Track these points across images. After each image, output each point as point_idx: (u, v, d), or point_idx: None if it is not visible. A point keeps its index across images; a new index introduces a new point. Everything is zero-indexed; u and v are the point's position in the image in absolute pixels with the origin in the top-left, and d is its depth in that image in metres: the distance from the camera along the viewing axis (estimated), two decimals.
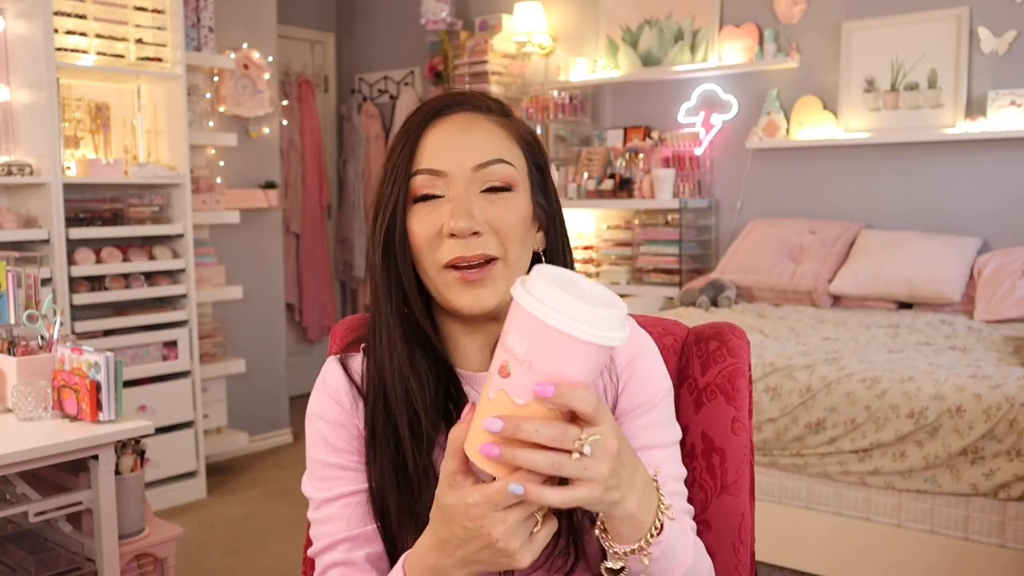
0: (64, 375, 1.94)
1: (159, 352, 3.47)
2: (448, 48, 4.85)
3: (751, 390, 1.10)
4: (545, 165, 0.98)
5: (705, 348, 1.11)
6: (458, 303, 0.90)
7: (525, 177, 0.94)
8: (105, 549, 1.93)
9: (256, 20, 4.21)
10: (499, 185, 0.91)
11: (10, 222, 3.05)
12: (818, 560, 2.69)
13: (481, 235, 0.89)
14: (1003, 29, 3.50)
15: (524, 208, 0.92)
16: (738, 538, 1.05)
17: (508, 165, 0.92)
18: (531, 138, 0.98)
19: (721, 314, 3.42)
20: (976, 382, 2.42)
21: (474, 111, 0.94)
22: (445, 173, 0.90)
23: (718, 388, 1.08)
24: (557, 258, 0.98)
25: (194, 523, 3.30)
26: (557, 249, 0.98)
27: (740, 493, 1.06)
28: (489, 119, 0.94)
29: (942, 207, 3.68)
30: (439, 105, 0.94)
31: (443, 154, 0.90)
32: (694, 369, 1.11)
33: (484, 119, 0.94)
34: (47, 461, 1.82)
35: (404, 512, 0.92)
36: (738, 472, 1.06)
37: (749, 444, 1.07)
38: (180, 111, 3.46)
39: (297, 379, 5.32)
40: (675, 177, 4.16)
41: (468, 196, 0.89)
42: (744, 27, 4.07)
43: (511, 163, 0.92)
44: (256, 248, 4.29)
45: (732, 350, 1.09)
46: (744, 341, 1.10)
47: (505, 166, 0.91)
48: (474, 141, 0.91)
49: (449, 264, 0.89)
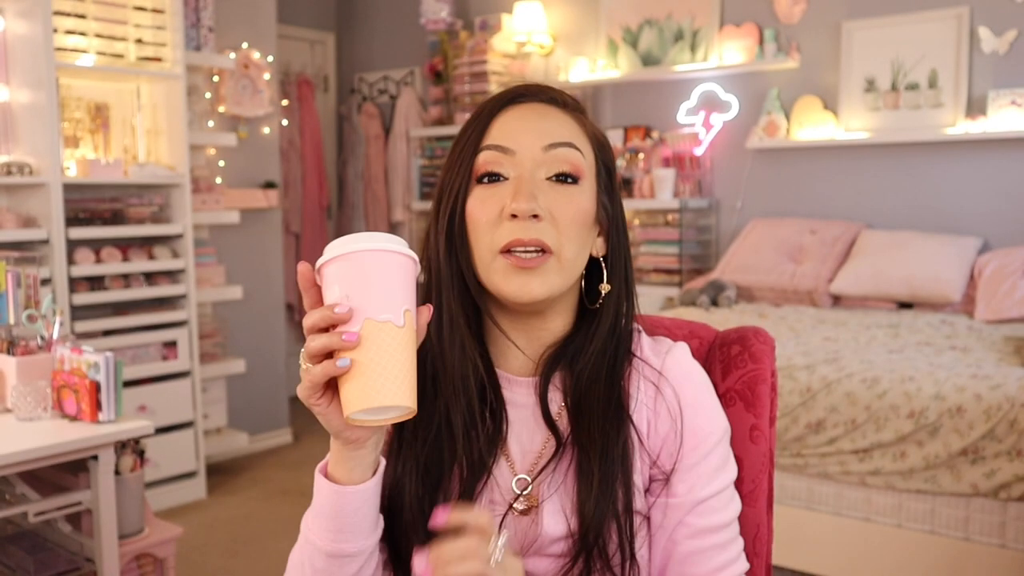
0: (64, 375, 1.94)
1: (159, 352, 3.47)
2: (448, 48, 4.85)
3: (774, 397, 1.04)
4: (613, 168, 0.96)
5: (727, 353, 1.06)
6: (506, 288, 0.87)
7: (592, 172, 0.92)
8: (105, 549, 1.93)
9: (256, 20, 4.21)
10: (566, 171, 0.89)
11: (10, 222, 3.05)
12: (818, 560, 2.69)
13: (541, 220, 0.86)
14: (1003, 29, 3.50)
15: (587, 204, 0.90)
16: (753, 550, 1.02)
17: (578, 151, 0.90)
18: (603, 139, 0.96)
19: (721, 314, 3.42)
20: (976, 382, 2.42)
21: (550, 102, 0.93)
22: (513, 151, 0.88)
23: (738, 394, 1.04)
24: (617, 265, 0.94)
25: (194, 523, 3.29)
26: (618, 256, 0.94)
27: (757, 504, 1.03)
28: (564, 111, 0.93)
29: (942, 207, 3.68)
30: (515, 93, 0.93)
31: (513, 133, 0.89)
32: (715, 374, 1.06)
33: (559, 110, 0.92)
34: (47, 461, 1.82)
35: (417, 509, 0.89)
36: (755, 482, 1.03)
37: (769, 453, 1.03)
38: (180, 111, 3.46)
39: (297, 379, 5.28)
40: (675, 177, 4.16)
41: (533, 179, 0.88)
42: (744, 27, 4.07)
43: (581, 151, 0.90)
44: (256, 248, 4.29)
45: (754, 355, 1.04)
46: (768, 347, 1.05)
47: (575, 151, 0.89)
48: (546, 125, 0.90)
49: (505, 248, 0.86)
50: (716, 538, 0.90)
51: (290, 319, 5.23)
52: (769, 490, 1.05)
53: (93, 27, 3.27)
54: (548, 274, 0.87)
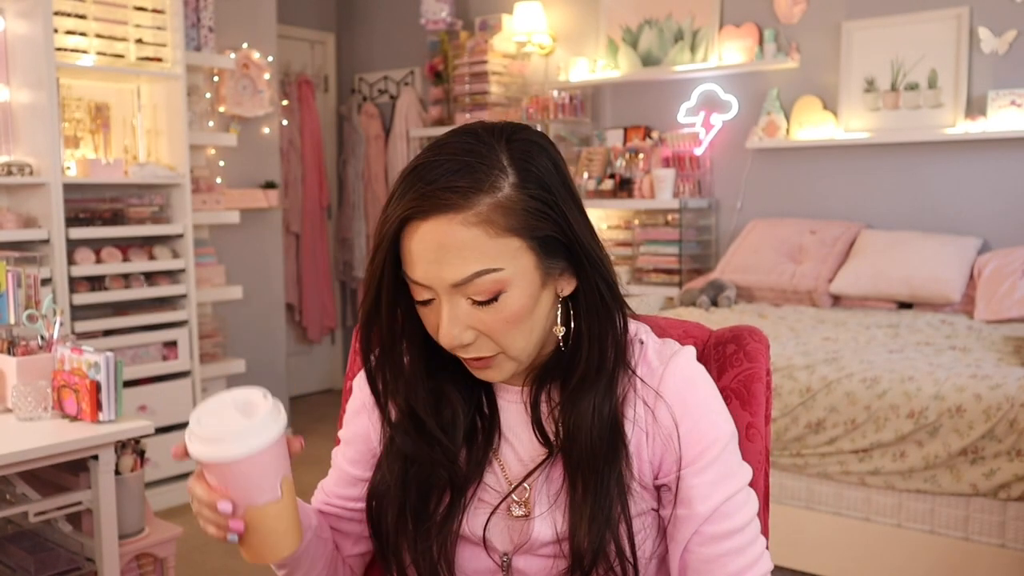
0: (64, 375, 1.94)
1: (159, 352, 3.47)
2: (448, 48, 4.85)
3: (769, 396, 1.05)
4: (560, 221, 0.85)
5: (722, 352, 1.07)
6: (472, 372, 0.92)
7: (522, 261, 0.84)
8: (105, 549, 1.93)
9: (256, 20, 4.21)
10: (482, 300, 0.84)
11: (10, 222, 3.05)
12: (818, 560, 2.69)
13: (473, 342, 0.87)
14: (1003, 29, 3.50)
15: (518, 303, 0.85)
16: None
17: (490, 274, 0.83)
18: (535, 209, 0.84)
19: (721, 314, 3.42)
20: (976, 382, 2.42)
21: (445, 214, 0.81)
22: (428, 286, 0.85)
23: (733, 393, 1.04)
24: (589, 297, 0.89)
25: (194, 523, 3.28)
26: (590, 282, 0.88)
27: None
28: (465, 222, 0.81)
29: (942, 207, 3.68)
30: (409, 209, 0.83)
31: (422, 268, 0.84)
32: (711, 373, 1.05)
33: (459, 223, 0.81)
34: (47, 461, 1.82)
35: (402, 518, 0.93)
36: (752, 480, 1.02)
37: (764, 452, 1.03)
38: (180, 111, 3.46)
39: (297, 379, 5.32)
40: (675, 177, 4.16)
41: (454, 310, 0.85)
42: (744, 27, 4.07)
43: (495, 268, 0.83)
44: (256, 248, 4.29)
45: (749, 354, 1.05)
46: (763, 345, 1.06)
47: (486, 277, 0.83)
48: (446, 259, 0.82)
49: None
50: (732, 543, 0.88)
51: (290, 319, 5.23)
52: (765, 488, 1.05)
53: (93, 27, 3.27)
54: (501, 365, 0.89)
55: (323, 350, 5.63)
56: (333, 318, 5.57)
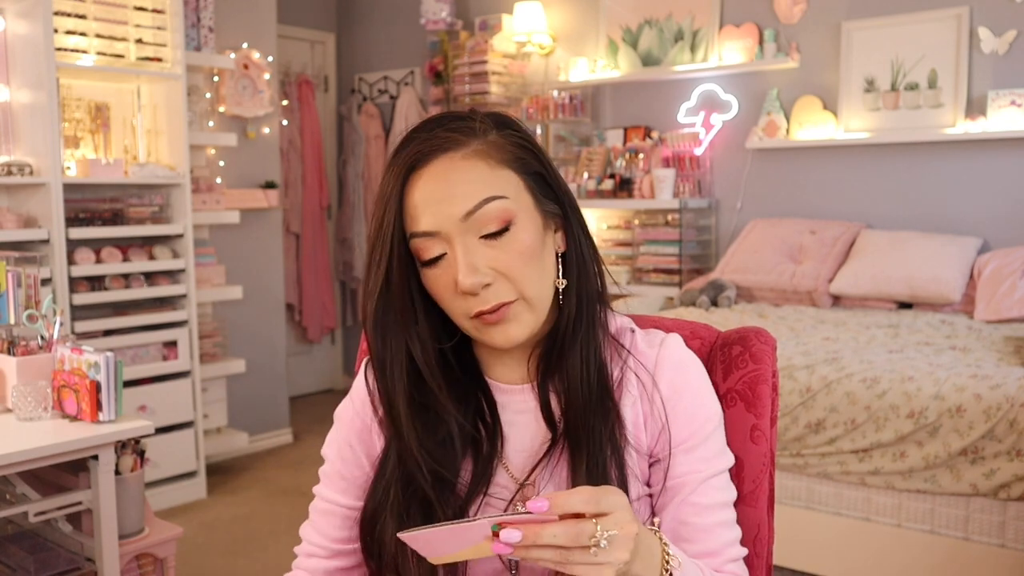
0: (64, 375, 1.94)
1: (159, 352, 3.47)
2: (448, 48, 4.85)
3: (775, 398, 1.05)
4: (544, 165, 0.93)
5: (728, 353, 1.07)
6: (493, 342, 0.91)
7: (522, 197, 0.90)
8: (105, 549, 1.93)
9: (256, 20, 4.21)
10: (493, 229, 0.87)
11: (10, 222, 3.05)
12: (818, 560, 2.69)
13: (492, 284, 0.88)
14: (1003, 29, 3.50)
15: (528, 238, 0.89)
16: (754, 550, 1.02)
17: (497, 200, 0.87)
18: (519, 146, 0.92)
19: (721, 314, 3.42)
20: (976, 382, 2.42)
21: (446, 152, 0.88)
22: (437, 232, 0.87)
23: (738, 395, 1.04)
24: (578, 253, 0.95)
25: (194, 523, 3.30)
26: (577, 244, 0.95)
27: (758, 504, 1.03)
28: (465, 156, 0.88)
29: (942, 207, 3.68)
30: (412, 157, 0.89)
31: (428, 211, 0.87)
32: (716, 375, 1.07)
33: (460, 159, 0.88)
34: (47, 461, 1.82)
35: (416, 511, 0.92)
36: (756, 482, 1.03)
37: (769, 454, 1.03)
38: (180, 111, 3.46)
39: (297, 379, 5.32)
40: (675, 177, 4.15)
41: (468, 250, 0.87)
42: (744, 27, 4.07)
43: (501, 196, 0.88)
44: (256, 248, 4.29)
45: (755, 356, 1.05)
46: (769, 347, 1.06)
47: (494, 204, 0.87)
48: (454, 191, 0.87)
49: (475, 315, 0.90)
50: (722, 515, 0.93)
51: (290, 319, 5.23)
52: (770, 490, 1.05)
53: (93, 27, 3.27)
54: (520, 316, 0.90)
55: (323, 350, 5.63)
56: (333, 318, 5.57)
